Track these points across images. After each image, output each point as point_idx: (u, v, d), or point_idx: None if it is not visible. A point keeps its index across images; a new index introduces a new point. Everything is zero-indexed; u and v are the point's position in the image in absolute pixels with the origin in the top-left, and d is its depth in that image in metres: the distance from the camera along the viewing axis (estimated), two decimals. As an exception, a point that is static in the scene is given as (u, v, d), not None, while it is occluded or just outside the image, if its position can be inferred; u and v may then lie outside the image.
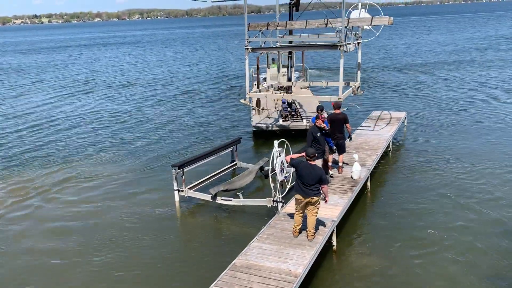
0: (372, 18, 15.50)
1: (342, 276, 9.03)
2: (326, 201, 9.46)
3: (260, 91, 18.31)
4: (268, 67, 24.98)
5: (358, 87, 16.87)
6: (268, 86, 19.41)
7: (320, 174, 8.99)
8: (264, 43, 16.48)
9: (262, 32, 16.55)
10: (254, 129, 18.00)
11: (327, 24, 15.43)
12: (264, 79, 27.68)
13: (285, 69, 24.95)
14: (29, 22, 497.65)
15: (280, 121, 18.06)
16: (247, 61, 16.58)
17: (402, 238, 10.31)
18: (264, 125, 18.01)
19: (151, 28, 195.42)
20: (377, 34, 17.05)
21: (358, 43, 16.63)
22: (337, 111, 12.27)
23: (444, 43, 57.43)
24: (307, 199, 9.03)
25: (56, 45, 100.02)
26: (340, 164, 12.75)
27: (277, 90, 22.70)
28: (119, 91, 33.28)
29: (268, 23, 16.78)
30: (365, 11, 16.59)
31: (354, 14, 16.59)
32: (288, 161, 9.60)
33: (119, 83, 37.35)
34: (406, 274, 8.94)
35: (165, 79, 37.99)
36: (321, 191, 9.11)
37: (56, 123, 23.56)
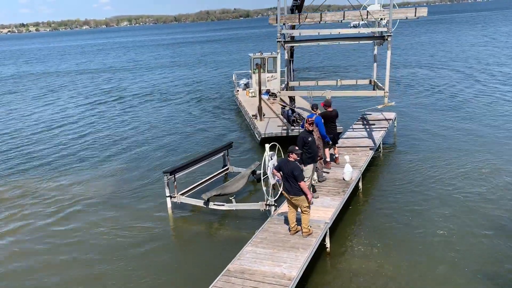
0: (416, 9, 15.04)
1: (336, 278, 9.04)
2: (308, 200, 9.19)
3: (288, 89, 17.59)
4: (254, 72, 24.74)
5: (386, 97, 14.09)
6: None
7: (291, 168, 9.07)
8: (287, 35, 14.92)
9: (284, 25, 15.21)
10: (263, 136, 17.42)
11: (368, 15, 14.76)
12: (246, 84, 27.61)
13: (272, 74, 24.92)
14: (16, 31, 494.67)
15: (290, 127, 17.75)
16: (279, 56, 15.19)
17: (396, 238, 10.36)
18: (274, 132, 17.53)
19: (147, 34, 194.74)
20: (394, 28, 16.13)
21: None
22: (330, 109, 13.33)
23: (444, 43, 58.08)
24: (290, 197, 9.27)
25: (57, 52, 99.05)
26: (336, 155, 13.61)
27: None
28: (116, 100, 33.14)
29: (299, 15, 15.80)
30: (380, 6, 15.70)
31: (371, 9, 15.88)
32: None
33: (124, 92, 37.20)
34: (401, 275, 8.97)
35: (169, 86, 37.89)
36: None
37: (50, 130, 23.42)
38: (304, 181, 9.25)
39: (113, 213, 12.86)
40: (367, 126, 17.59)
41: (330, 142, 12.99)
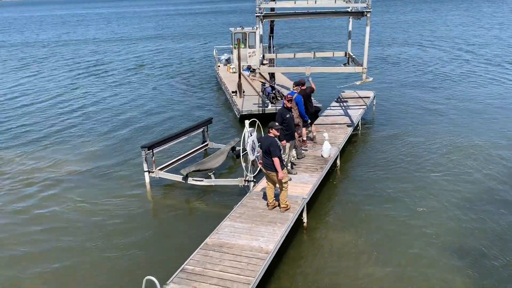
0: None
1: (312, 251, 9.28)
2: (277, 176, 9.28)
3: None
4: (235, 48, 24.40)
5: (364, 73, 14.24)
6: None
7: (268, 143, 9.20)
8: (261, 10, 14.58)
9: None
10: (242, 113, 17.36)
11: None
12: (227, 60, 27.33)
13: (253, 50, 24.65)
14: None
15: (270, 105, 17.75)
16: (257, 32, 14.74)
17: (372, 214, 10.62)
18: (253, 109, 17.52)
19: (128, 5, 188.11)
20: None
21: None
22: (304, 87, 13.28)
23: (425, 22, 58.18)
24: (267, 172, 9.42)
25: (35, 22, 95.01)
26: (314, 133, 13.75)
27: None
28: (98, 73, 32.49)
29: None
30: None
31: None
32: None
33: (101, 64, 36.44)
34: (375, 249, 9.25)
35: (151, 60, 37.25)
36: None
37: (27, 105, 22.92)
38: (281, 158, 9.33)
39: (90, 189, 12.79)
40: (346, 104, 17.73)
41: (309, 121, 13.09)
